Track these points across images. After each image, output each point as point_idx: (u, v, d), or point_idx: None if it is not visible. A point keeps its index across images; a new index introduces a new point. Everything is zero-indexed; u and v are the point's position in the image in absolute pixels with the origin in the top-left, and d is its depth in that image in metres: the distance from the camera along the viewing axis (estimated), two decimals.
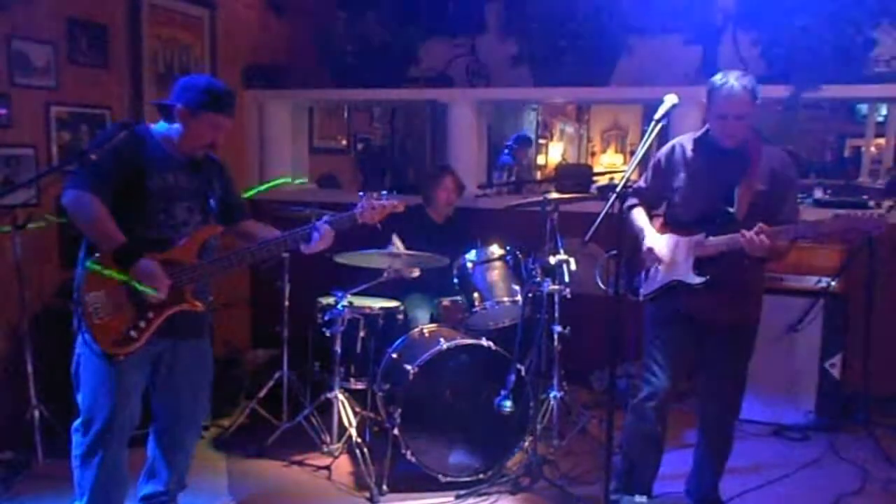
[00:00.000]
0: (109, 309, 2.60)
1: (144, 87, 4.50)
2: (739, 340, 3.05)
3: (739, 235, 2.80)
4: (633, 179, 2.94)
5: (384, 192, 2.90)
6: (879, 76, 4.51)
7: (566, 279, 3.65)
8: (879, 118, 7.06)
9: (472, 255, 3.90)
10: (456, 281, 3.93)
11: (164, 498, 2.96)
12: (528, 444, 3.59)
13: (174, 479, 2.97)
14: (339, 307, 3.71)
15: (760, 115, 2.98)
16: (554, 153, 10.41)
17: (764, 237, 2.72)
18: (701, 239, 2.94)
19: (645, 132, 2.73)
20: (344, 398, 3.75)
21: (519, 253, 3.91)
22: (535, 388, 3.59)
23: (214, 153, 2.87)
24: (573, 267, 3.67)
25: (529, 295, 3.64)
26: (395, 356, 3.69)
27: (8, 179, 3.76)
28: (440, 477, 3.46)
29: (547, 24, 4.82)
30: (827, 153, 9.02)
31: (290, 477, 3.67)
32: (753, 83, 2.83)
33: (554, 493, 3.44)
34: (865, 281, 3.96)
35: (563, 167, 8.60)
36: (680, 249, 2.99)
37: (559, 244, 3.71)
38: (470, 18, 5.73)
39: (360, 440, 3.61)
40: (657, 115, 2.72)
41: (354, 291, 3.77)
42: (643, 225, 3.10)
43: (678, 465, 3.40)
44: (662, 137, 3.33)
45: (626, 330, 2.72)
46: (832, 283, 4.14)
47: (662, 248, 3.00)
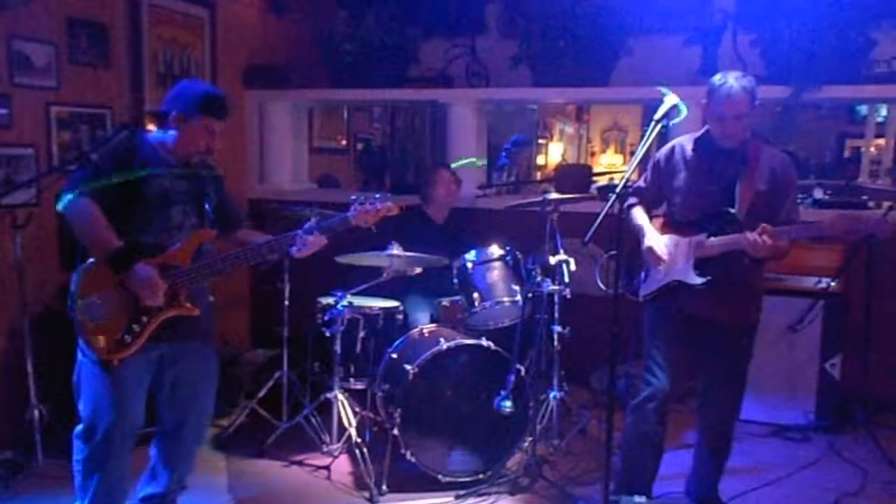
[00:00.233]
0: (102, 314, 2.60)
1: (144, 87, 4.51)
2: (739, 341, 3.04)
3: (740, 236, 2.80)
4: (632, 179, 2.94)
5: (377, 195, 2.90)
6: (879, 77, 4.51)
7: (566, 279, 3.65)
8: (879, 119, 7.04)
9: (471, 255, 3.89)
10: (455, 281, 3.92)
11: (164, 500, 2.96)
12: (527, 444, 3.59)
13: (175, 481, 2.97)
14: (338, 307, 3.70)
15: (760, 115, 2.98)
16: (553, 153, 10.40)
17: (766, 237, 2.73)
18: (702, 239, 2.94)
19: (645, 132, 2.73)
20: (344, 398, 3.75)
21: (518, 253, 3.91)
22: (534, 388, 3.59)
23: (212, 158, 2.86)
24: (573, 267, 3.67)
25: (529, 295, 3.64)
26: (394, 356, 3.69)
27: (8, 179, 3.76)
28: (440, 477, 3.46)
29: (547, 24, 4.81)
30: (826, 154, 9.00)
31: (289, 477, 3.67)
32: (752, 84, 2.84)
33: (553, 493, 3.44)
34: (865, 281, 3.96)
35: (562, 167, 8.58)
36: (680, 250, 2.99)
37: (559, 244, 3.71)
38: (470, 18, 5.73)
39: (359, 440, 3.61)
40: (657, 115, 2.73)
41: (354, 291, 3.78)
42: (643, 224, 3.10)
43: (678, 465, 3.40)
44: (662, 138, 3.34)
45: (625, 330, 2.71)
46: (832, 283, 4.14)
47: (662, 247, 3.00)
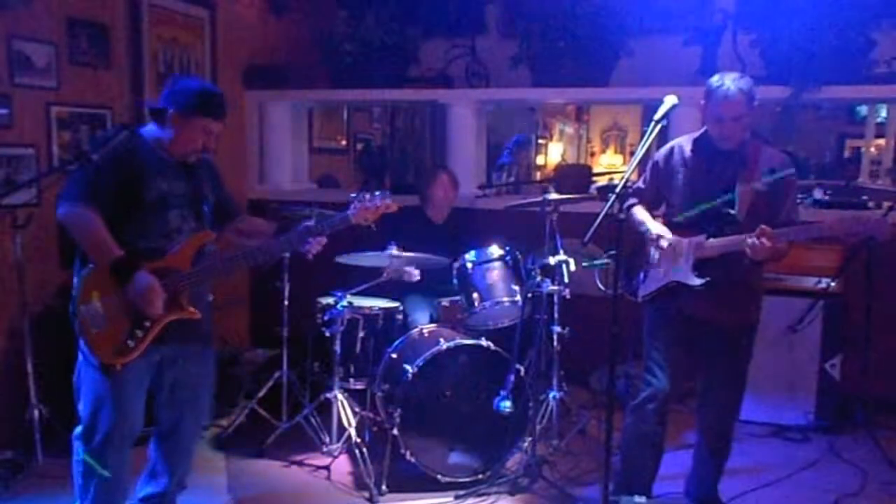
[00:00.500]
0: (105, 319, 2.59)
1: (145, 87, 4.51)
2: (739, 342, 3.04)
3: (740, 238, 2.80)
4: (632, 180, 2.94)
5: (377, 192, 2.90)
6: (879, 77, 4.51)
7: (565, 279, 3.65)
8: (879, 119, 7.05)
9: (471, 255, 3.88)
10: (455, 281, 3.92)
11: (163, 500, 2.95)
12: (527, 444, 3.59)
13: (174, 481, 2.96)
14: (338, 307, 3.70)
15: (760, 115, 2.98)
16: (553, 153, 10.40)
17: (765, 240, 2.72)
18: (701, 240, 2.94)
19: (644, 133, 2.73)
20: (343, 398, 3.75)
21: (518, 253, 3.91)
22: (534, 388, 3.59)
23: (209, 155, 2.84)
24: (572, 267, 3.67)
25: (529, 295, 3.64)
26: (394, 356, 3.69)
27: (9, 179, 3.76)
28: (439, 477, 3.46)
29: (547, 24, 4.82)
30: (826, 154, 9.01)
31: (289, 477, 3.67)
32: (750, 85, 2.84)
33: (553, 493, 3.44)
34: (865, 281, 3.96)
35: (562, 167, 8.58)
36: (679, 250, 2.99)
37: (558, 244, 3.71)
38: (469, 19, 5.74)
39: (359, 440, 3.61)
40: (657, 115, 2.72)
41: (354, 292, 3.78)
42: (645, 219, 3.10)
43: (678, 465, 3.41)
44: (662, 138, 3.34)
45: (625, 330, 2.71)
46: (832, 283, 4.14)
47: (669, 234, 2.99)
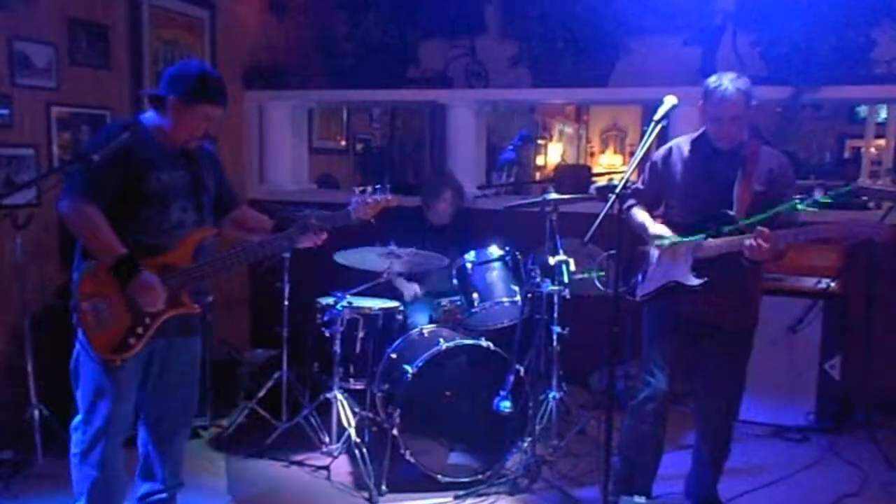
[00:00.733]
0: (106, 316, 2.59)
1: (145, 87, 4.50)
2: (738, 342, 3.04)
3: (738, 239, 2.79)
4: (632, 180, 2.94)
5: (377, 186, 2.91)
6: (879, 77, 4.51)
7: (565, 280, 3.65)
8: (879, 119, 7.05)
9: (471, 255, 3.88)
10: (455, 281, 3.92)
11: (162, 496, 2.94)
12: (526, 444, 3.59)
13: (169, 474, 2.94)
14: (338, 307, 3.71)
15: (760, 116, 2.98)
16: (553, 154, 10.40)
17: (763, 241, 2.72)
18: (699, 241, 2.94)
19: (644, 133, 2.73)
20: (343, 398, 3.76)
21: (518, 253, 3.91)
22: (533, 388, 3.59)
23: (210, 142, 2.83)
24: (572, 267, 3.67)
25: (528, 295, 3.64)
26: (394, 356, 3.70)
27: (9, 179, 3.76)
28: (439, 477, 3.46)
29: (546, 24, 4.81)
30: (826, 154, 9.02)
31: (289, 477, 3.67)
32: (748, 85, 2.83)
33: (552, 493, 3.44)
34: (865, 281, 3.96)
35: (562, 168, 8.58)
36: (679, 251, 2.99)
37: (558, 244, 3.71)
38: (469, 19, 5.73)
39: (359, 440, 3.61)
40: (657, 115, 2.72)
41: (354, 292, 3.78)
42: (644, 219, 3.10)
43: (677, 465, 3.40)
44: (662, 138, 3.34)
45: (624, 330, 2.71)
46: (831, 283, 4.14)
47: (669, 233, 2.99)
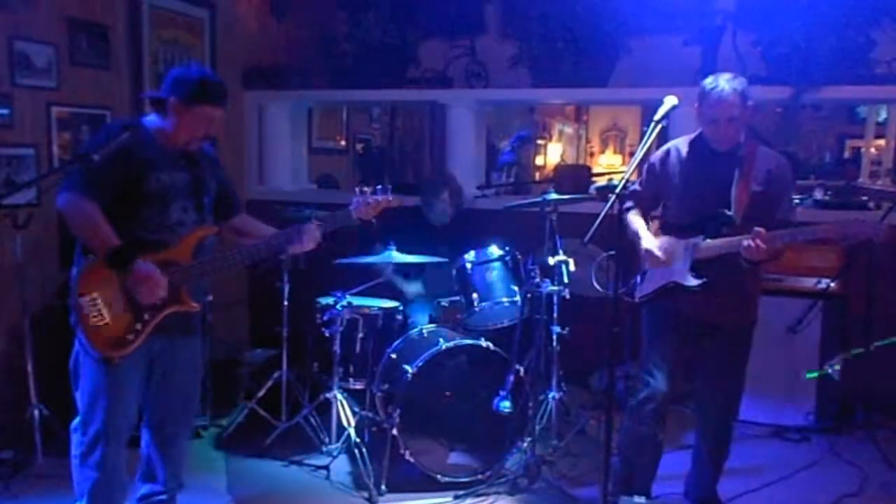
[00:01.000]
0: (104, 312, 2.59)
1: (145, 87, 4.51)
2: (737, 342, 3.04)
3: (735, 240, 2.79)
4: (632, 180, 2.94)
5: (378, 186, 2.91)
6: (879, 77, 4.51)
7: (565, 280, 3.65)
8: (879, 119, 7.05)
9: (470, 255, 3.88)
10: (455, 281, 3.92)
11: (162, 497, 2.94)
12: (526, 444, 3.59)
13: (171, 476, 2.94)
14: (338, 307, 3.71)
15: (761, 116, 2.98)
16: (552, 154, 10.40)
17: (760, 242, 2.72)
18: (697, 241, 2.94)
19: (644, 133, 2.73)
20: (343, 398, 3.76)
21: (518, 253, 3.91)
22: (533, 388, 3.59)
23: (213, 144, 2.84)
24: (572, 267, 3.67)
25: (528, 295, 3.64)
26: (393, 356, 3.70)
27: (9, 179, 3.76)
28: (439, 477, 3.46)
29: (546, 24, 4.82)
30: (826, 154, 9.02)
31: (288, 477, 3.67)
32: (744, 85, 2.83)
33: (552, 493, 3.45)
34: (865, 282, 3.95)
35: (561, 168, 8.58)
36: (676, 252, 2.99)
37: (558, 244, 3.71)
38: (469, 19, 5.73)
39: (358, 440, 3.61)
40: (657, 115, 2.72)
41: (354, 292, 3.78)
42: (638, 228, 3.10)
43: (677, 466, 3.41)
44: (662, 138, 3.34)
45: (625, 331, 2.71)
46: (831, 284, 4.14)
47: (659, 250, 3.00)
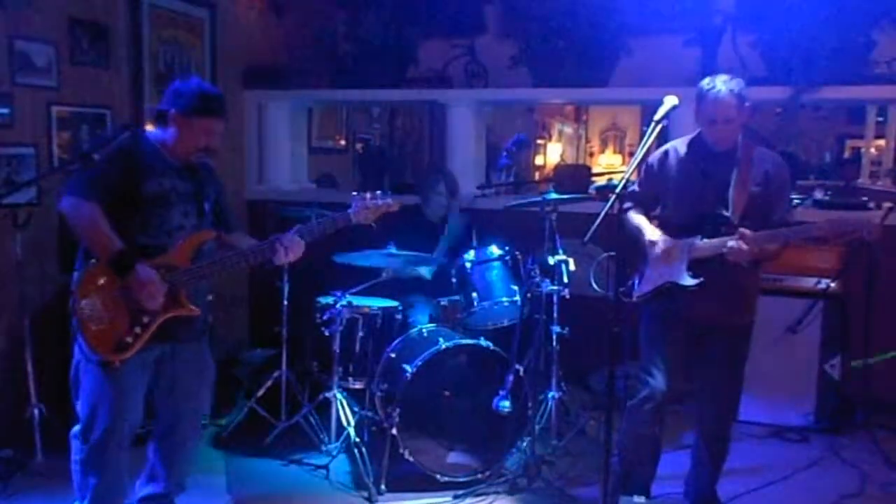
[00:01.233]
0: (104, 315, 2.60)
1: (145, 87, 4.51)
2: (735, 342, 3.04)
3: (729, 239, 2.79)
4: (632, 179, 2.94)
5: (378, 191, 2.91)
6: (879, 77, 4.51)
7: (565, 279, 3.65)
8: (879, 119, 7.05)
9: (470, 255, 3.89)
10: (454, 281, 3.92)
11: (162, 501, 2.96)
12: (526, 444, 3.59)
13: (174, 481, 2.96)
14: (338, 307, 3.71)
15: (761, 116, 2.98)
16: (552, 153, 10.41)
17: (743, 243, 2.72)
18: (694, 241, 2.93)
19: (644, 133, 2.72)
20: (342, 397, 3.76)
21: (517, 253, 3.91)
22: (533, 388, 3.59)
23: (210, 156, 2.87)
24: (572, 267, 3.67)
25: (528, 295, 3.64)
26: (393, 356, 3.69)
27: (9, 179, 3.76)
28: (438, 477, 3.46)
29: (546, 24, 4.81)
30: (826, 154, 9.02)
31: (288, 476, 3.67)
32: (741, 86, 2.83)
33: (551, 493, 3.44)
34: (865, 282, 3.95)
35: (561, 167, 8.58)
36: (674, 251, 2.99)
37: (558, 244, 3.71)
38: (469, 19, 5.73)
39: (358, 440, 3.61)
40: (657, 115, 2.72)
41: (353, 291, 3.78)
42: (640, 223, 3.10)
43: (677, 465, 3.41)
44: (662, 139, 3.34)
45: (624, 331, 2.71)
46: (831, 284, 4.14)
47: (663, 240, 3.00)
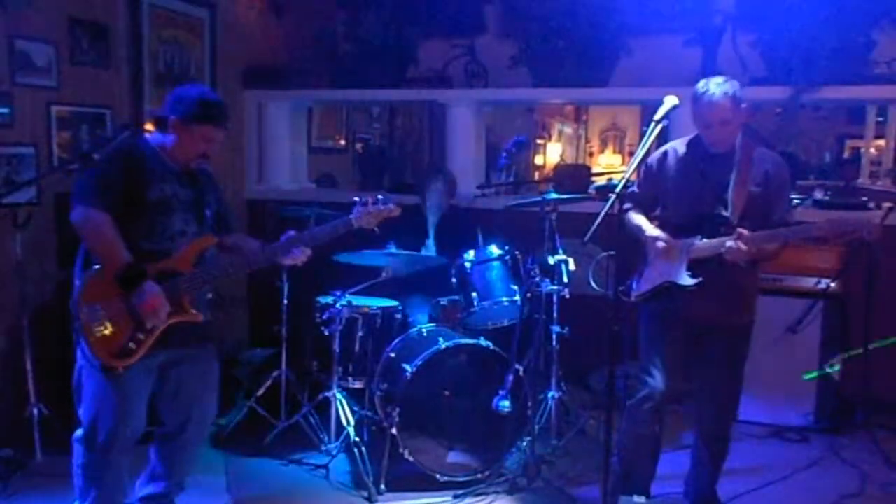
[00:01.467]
0: (107, 321, 2.60)
1: (145, 87, 4.51)
2: (734, 342, 3.04)
3: (727, 239, 2.79)
4: (632, 179, 2.94)
5: (379, 196, 2.91)
6: (879, 77, 4.51)
7: (565, 279, 3.64)
8: (879, 119, 7.05)
9: (470, 254, 3.88)
10: (454, 281, 3.92)
11: (163, 501, 2.96)
12: (525, 444, 3.59)
13: (175, 482, 2.97)
14: (337, 306, 3.71)
15: (761, 116, 2.98)
16: (552, 153, 10.41)
17: (741, 243, 2.72)
18: (693, 242, 2.93)
19: (643, 133, 2.72)
20: (342, 397, 3.76)
21: (517, 253, 3.91)
22: (533, 388, 3.59)
23: (206, 162, 2.87)
24: (572, 267, 3.67)
25: (528, 295, 3.64)
26: (393, 356, 3.69)
27: (9, 178, 3.76)
28: (438, 476, 3.47)
29: (546, 24, 4.81)
30: (826, 154, 9.03)
31: (288, 476, 3.67)
32: (735, 88, 2.83)
33: (551, 493, 3.44)
34: (865, 282, 3.95)
35: (561, 167, 8.59)
36: (673, 251, 2.99)
37: (557, 244, 3.71)
38: (469, 19, 5.73)
39: (357, 439, 3.61)
40: (657, 115, 2.72)
41: (353, 291, 3.78)
42: (640, 222, 3.10)
43: (677, 465, 3.41)
44: (662, 139, 3.34)
45: (624, 330, 2.71)
46: (831, 284, 4.14)
47: (665, 237, 3.00)
